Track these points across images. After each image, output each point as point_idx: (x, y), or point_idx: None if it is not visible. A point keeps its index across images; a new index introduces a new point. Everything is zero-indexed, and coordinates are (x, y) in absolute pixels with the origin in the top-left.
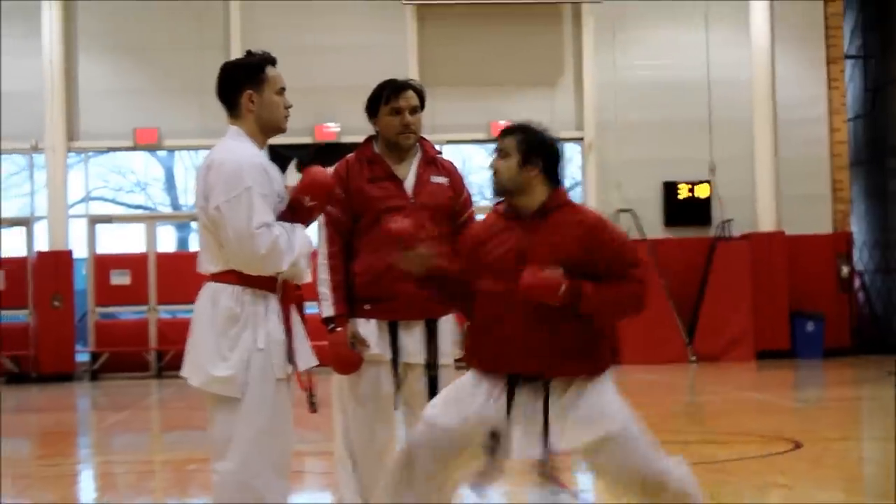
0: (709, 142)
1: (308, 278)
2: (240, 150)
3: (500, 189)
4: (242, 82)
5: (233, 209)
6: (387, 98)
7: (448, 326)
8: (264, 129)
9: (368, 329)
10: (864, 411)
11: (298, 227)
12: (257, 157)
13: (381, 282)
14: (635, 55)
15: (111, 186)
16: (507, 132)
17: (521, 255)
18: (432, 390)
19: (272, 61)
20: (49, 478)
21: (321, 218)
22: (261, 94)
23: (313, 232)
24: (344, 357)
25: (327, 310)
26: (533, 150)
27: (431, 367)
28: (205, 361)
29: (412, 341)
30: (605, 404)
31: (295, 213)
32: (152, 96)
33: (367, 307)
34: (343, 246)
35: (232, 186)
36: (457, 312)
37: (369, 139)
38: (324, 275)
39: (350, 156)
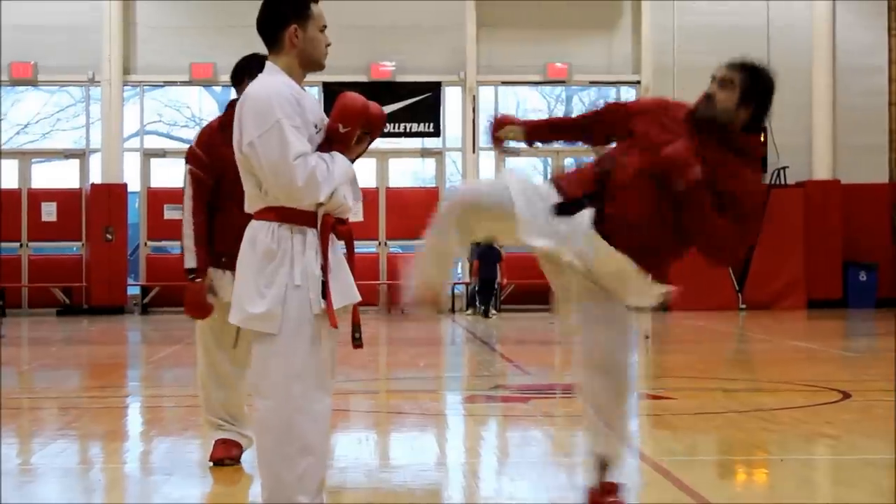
0: None
1: (354, 210)
2: (270, 83)
3: (706, 115)
4: (288, 17)
5: (265, 143)
6: None
7: None
8: (305, 64)
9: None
10: None
11: (338, 155)
12: (287, 88)
13: None
14: None
15: (166, 121)
16: (739, 67)
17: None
18: None
19: None
20: (98, 409)
21: None
22: (305, 30)
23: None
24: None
25: None
26: (754, 95)
27: None
28: (244, 300)
29: None
30: None
31: (331, 142)
32: (209, 31)
33: None
34: None
35: (262, 121)
36: None
37: None
38: None
39: None
